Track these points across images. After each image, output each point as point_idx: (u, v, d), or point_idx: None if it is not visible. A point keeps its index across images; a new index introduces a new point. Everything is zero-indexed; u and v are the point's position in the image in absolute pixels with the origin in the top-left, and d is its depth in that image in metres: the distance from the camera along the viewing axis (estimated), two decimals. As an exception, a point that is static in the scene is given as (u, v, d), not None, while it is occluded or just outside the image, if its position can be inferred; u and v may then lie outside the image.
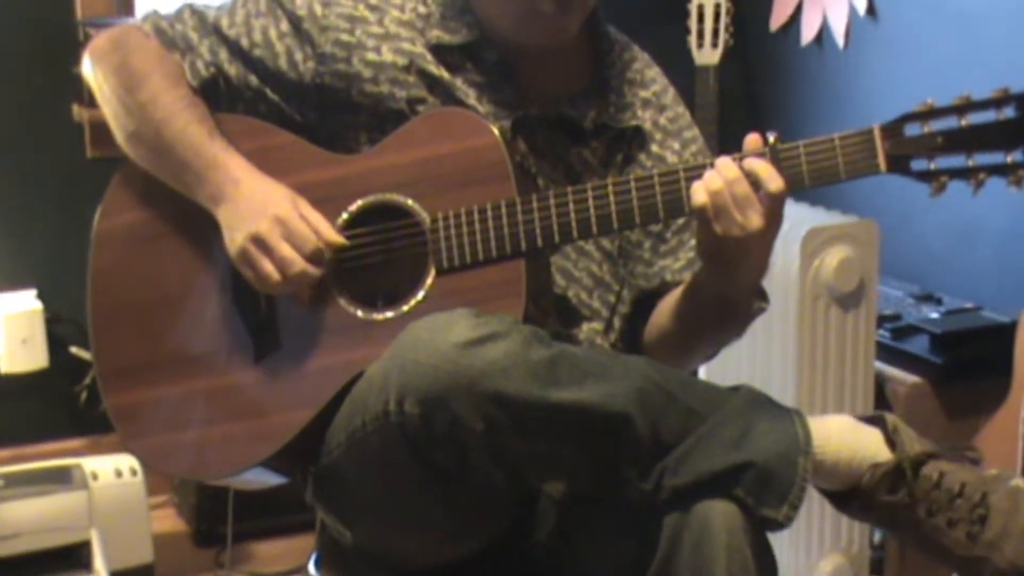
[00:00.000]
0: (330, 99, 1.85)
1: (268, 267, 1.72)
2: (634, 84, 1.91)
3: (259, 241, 1.72)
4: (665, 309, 1.85)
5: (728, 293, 1.74)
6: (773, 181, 1.61)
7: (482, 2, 1.83)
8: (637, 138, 1.89)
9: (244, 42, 1.85)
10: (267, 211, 1.73)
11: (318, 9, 1.84)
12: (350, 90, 1.84)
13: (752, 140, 1.65)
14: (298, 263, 1.72)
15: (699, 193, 1.62)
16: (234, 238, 1.74)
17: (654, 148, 1.89)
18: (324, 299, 1.76)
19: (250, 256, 1.73)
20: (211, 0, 1.92)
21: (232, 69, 1.86)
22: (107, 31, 1.92)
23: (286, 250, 1.71)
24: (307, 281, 1.74)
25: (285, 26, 1.85)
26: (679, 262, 1.87)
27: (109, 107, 1.87)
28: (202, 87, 1.85)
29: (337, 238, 1.75)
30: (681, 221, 1.87)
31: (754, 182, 1.61)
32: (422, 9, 1.86)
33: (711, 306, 1.77)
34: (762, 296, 1.85)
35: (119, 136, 1.87)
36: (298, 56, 1.84)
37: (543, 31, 1.80)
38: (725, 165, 1.62)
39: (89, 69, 1.90)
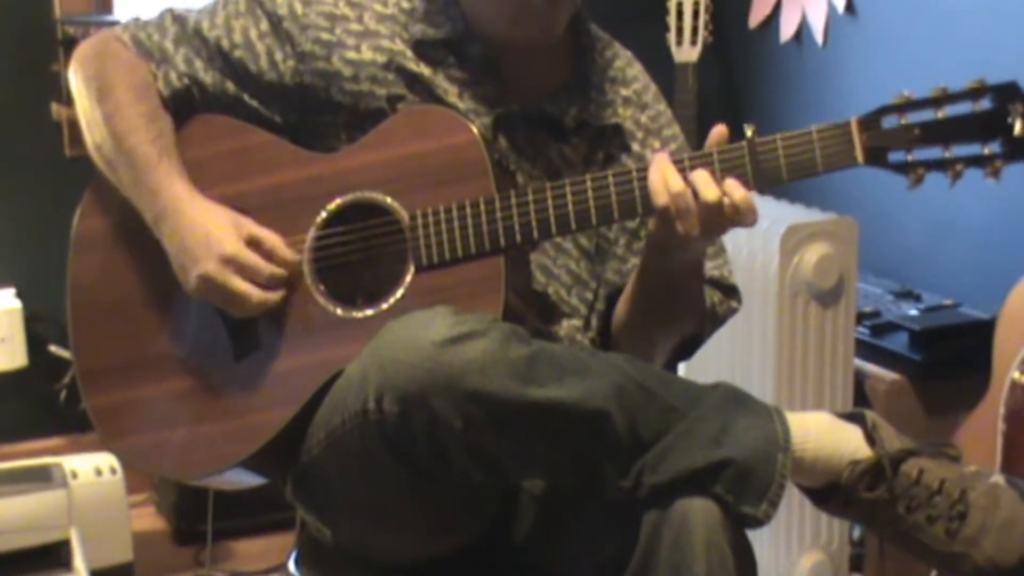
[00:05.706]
0: (310, 98, 1.84)
1: (226, 304, 1.75)
2: (616, 82, 1.91)
3: (210, 281, 1.73)
4: (622, 298, 1.85)
5: (668, 268, 1.72)
6: (709, 190, 1.60)
7: None
8: (618, 136, 1.88)
9: (225, 43, 1.85)
10: (211, 251, 1.73)
11: (298, 8, 1.84)
12: (330, 89, 1.83)
13: (718, 133, 1.65)
14: (254, 295, 1.73)
15: (661, 195, 1.62)
16: (186, 278, 1.75)
17: (635, 147, 1.88)
18: (303, 298, 1.76)
19: (206, 295, 1.75)
20: (191, 1, 1.91)
21: (208, 77, 1.85)
22: (94, 37, 1.92)
23: (240, 286, 1.73)
24: (268, 307, 1.75)
25: (265, 26, 1.85)
26: None
27: (84, 116, 1.88)
28: (174, 97, 1.85)
29: (290, 255, 1.76)
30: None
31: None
32: (406, 4, 1.86)
33: (657, 288, 1.76)
34: (733, 295, 1.85)
35: (88, 145, 1.88)
36: (278, 56, 1.84)
37: (532, 26, 1.80)
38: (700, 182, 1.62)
39: (71, 74, 1.90)
